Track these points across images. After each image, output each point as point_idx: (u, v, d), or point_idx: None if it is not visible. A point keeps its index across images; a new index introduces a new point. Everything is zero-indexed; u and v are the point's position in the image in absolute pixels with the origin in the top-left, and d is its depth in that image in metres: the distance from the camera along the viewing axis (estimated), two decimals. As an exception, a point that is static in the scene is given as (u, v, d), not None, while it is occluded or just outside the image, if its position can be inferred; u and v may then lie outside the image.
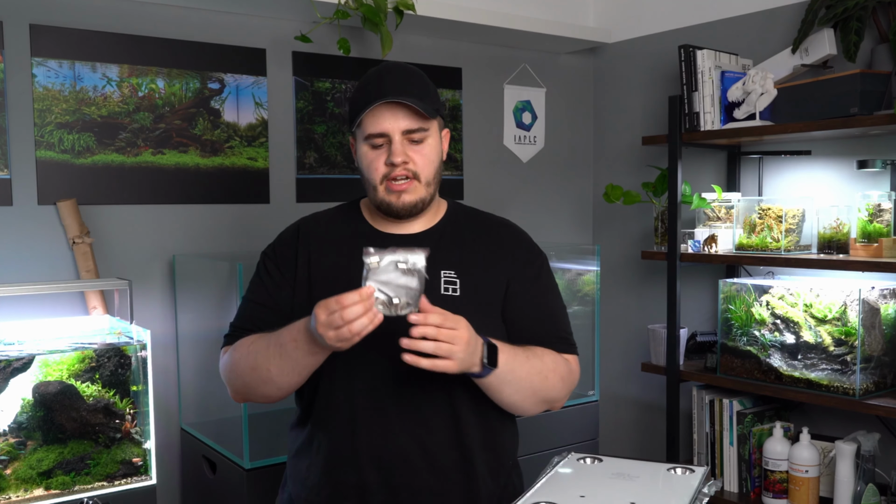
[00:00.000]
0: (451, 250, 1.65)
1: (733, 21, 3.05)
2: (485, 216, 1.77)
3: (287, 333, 1.50)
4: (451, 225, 1.70)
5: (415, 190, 1.59)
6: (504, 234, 1.73)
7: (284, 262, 1.67)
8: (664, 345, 2.94)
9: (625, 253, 3.52)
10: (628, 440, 3.55)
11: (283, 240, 1.71)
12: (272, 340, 1.53)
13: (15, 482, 2.01)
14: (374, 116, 1.56)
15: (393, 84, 1.57)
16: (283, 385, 1.55)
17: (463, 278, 1.63)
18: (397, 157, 1.56)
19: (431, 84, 1.65)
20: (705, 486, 1.41)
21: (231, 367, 1.62)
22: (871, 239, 2.45)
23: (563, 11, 3.43)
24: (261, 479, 2.32)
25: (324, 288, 1.59)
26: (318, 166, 2.95)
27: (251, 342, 1.59)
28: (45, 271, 2.46)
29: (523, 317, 1.67)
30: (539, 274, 1.72)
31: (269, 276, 1.66)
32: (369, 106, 1.55)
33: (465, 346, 1.41)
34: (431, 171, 1.61)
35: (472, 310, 1.58)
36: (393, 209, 1.60)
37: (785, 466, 2.63)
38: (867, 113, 2.42)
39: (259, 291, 1.67)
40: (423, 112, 1.55)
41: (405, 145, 1.57)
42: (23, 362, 2.04)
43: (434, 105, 1.61)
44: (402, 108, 1.56)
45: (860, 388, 2.43)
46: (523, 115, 3.49)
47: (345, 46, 2.68)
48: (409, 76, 1.61)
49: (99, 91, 2.52)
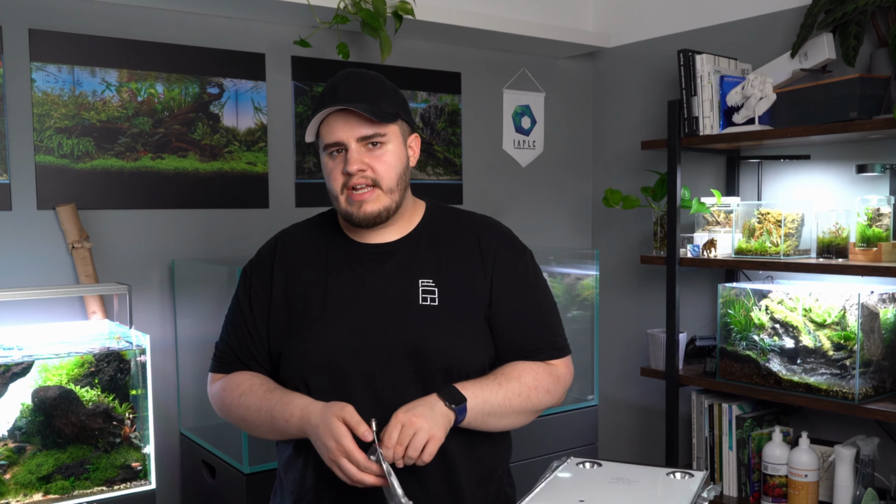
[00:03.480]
0: (428, 257, 1.62)
1: (732, 25, 3.06)
2: (464, 217, 1.72)
3: (280, 410, 1.52)
4: (428, 230, 1.66)
5: (377, 199, 1.55)
6: (484, 235, 1.67)
7: (260, 282, 1.65)
8: (663, 349, 2.94)
9: (624, 257, 3.52)
10: (627, 445, 3.54)
11: (260, 258, 1.70)
12: (264, 405, 1.55)
13: (14, 487, 2.01)
14: (329, 126, 1.54)
15: (345, 91, 1.54)
16: (269, 439, 1.62)
17: (442, 287, 1.59)
18: (352, 166, 1.52)
19: (391, 88, 1.60)
20: (704, 491, 1.41)
21: (222, 407, 1.64)
22: (871, 243, 2.45)
23: (562, 16, 3.43)
24: (260, 483, 2.32)
25: (300, 303, 1.60)
26: (318, 171, 2.95)
27: (241, 395, 1.59)
28: (45, 276, 2.46)
29: (509, 327, 1.63)
30: (523, 275, 1.66)
31: (247, 298, 1.65)
32: (319, 115, 1.53)
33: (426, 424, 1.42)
34: (393, 177, 1.56)
35: (451, 319, 1.57)
36: (355, 219, 1.57)
37: (784, 471, 2.63)
38: (866, 117, 2.42)
39: (237, 314, 1.67)
40: (374, 118, 1.51)
41: (363, 153, 1.54)
42: (22, 367, 2.04)
43: (392, 109, 1.56)
44: (355, 114, 1.52)
45: (859, 393, 2.43)
46: (522, 119, 3.50)
47: (344, 51, 2.69)
48: (364, 81, 1.57)
49: (98, 96, 2.52)
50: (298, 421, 1.49)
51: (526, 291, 1.66)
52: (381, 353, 1.54)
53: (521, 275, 1.66)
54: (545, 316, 1.68)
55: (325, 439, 1.42)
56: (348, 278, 1.60)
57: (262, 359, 1.64)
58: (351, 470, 1.39)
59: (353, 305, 1.57)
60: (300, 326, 1.59)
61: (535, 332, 1.65)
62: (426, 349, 1.54)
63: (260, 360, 1.64)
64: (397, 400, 1.51)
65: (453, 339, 1.56)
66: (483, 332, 1.61)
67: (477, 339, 1.59)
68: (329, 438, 1.41)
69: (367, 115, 1.51)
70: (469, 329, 1.59)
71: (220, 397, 1.64)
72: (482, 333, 1.61)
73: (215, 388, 1.67)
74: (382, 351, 1.54)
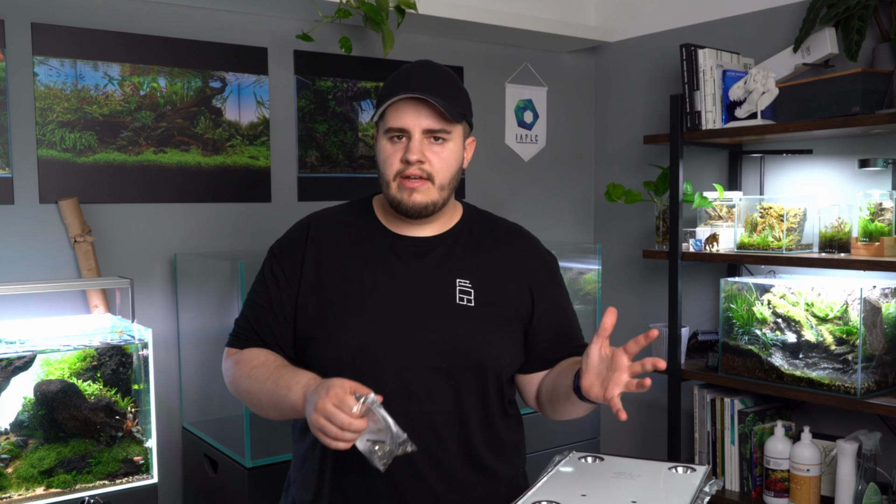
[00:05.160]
0: (465, 258, 1.62)
1: (735, 20, 3.05)
2: (500, 222, 1.74)
3: (286, 380, 1.48)
4: (466, 230, 1.67)
5: (427, 191, 1.55)
6: (520, 243, 1.70)
7: (290, 265, 1.62)
8: (665, 344, 2.94)
9: (626, 252, 3.52)
10: (629, 439, 3.55)
11: (290, 239, 1.66)
12: (272, 376, 1.51)
13: (16, 481, 2.01)
14: (398, 111, 1.53)
15: (422, 81, 1.54)
16: (272, 417, 1.56)
17: (478, 287, 1.59)
18: (413, 155, 1.52)
19: (463, 89, 1.61)
20: (706, 486, 1.41)
21: (232, 380, 1.62)
22: (873, 238, 2.45)
23: (564, 10, 3.42)
24: (262, 477, 2.33)
25: (335, 291, 1.57)
26: (320, 165, 2.95)
27: (252, 367, 1.56)
28: (47, 270, 2.46)
29: (551, 335, 1.66)
30: (554, 282, 1.71)
31: (273, 278, 1.62)
32: (392, 98, 1.52)
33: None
34: (447, 175, 1.57)
35: (486, 320, 1.58)
36: (403, 207, 1.56)
37: (786, 465, 2.63)
38: (869, 112, 2.42)
39: (261, 292, 1.64)
40: (447, 113, 1.52)
41: (424, 144, 1.53)
42: (24, 361, 2.04)
43: (461, 109, 1.57)
44: (426, 106, 1.52)
45: (861, 388, 2.43)
46: (525, 113, 3.49)
47: (346, 45, 2.69)
48: (440, 76, 1.58)
49: (100, 90, 2.52)
50: (301, 388, 1.43)
51: (564, 300, 1.72)
52: (415, 348, 1.53)
53: (554, 284, 1.71)
54: (574, 322, 1.73)
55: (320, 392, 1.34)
56: (385, 270, 1.59)
57: (281, 340, 1.61)
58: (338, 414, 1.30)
59: (389, 299, 1.56)
60: (335, 314, 1.56)
61: (575, 336, 1.70)
62: (462, 348, 1.55)
63: (280, 342, 1.61)
64: (427, 395, 1.53)
65: (489, 339, 1.58)
66: (515, 337, 1.63)
67: (511, 343, 1.61)
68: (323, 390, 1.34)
69: (442, 109, 1.51)
70: (503, 332, 1.60)
71: (231, 370, 1.61)
72: (515, 338, 1.63)
73: (229, 362, 1.64)
74: (417, 346, 1.53)
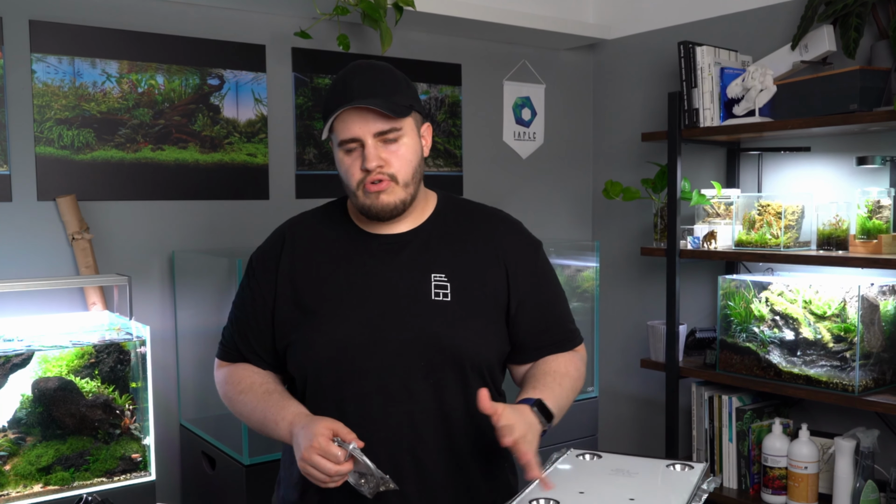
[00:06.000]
0: (440, 250, 1.61)
1: (733, 17, 3.05)
2: (476, 209, 1.72)
3: (273, 414, 1.53)
4: (440, 221, 1.65)
5: (393, 191, 1.54)
6: (499, 229, 1.67)
7: (265, 275, 1.63)
8: (663, 341, 2.95)
9: (624, 249, 3.52)
10: (627, 436, 3.55)
11: (266, 249, 1.68)
12: (259, 405, 1.56)
13: (14, 478, 2.01)
14: (344, 122, 1.52)
15: (360, 86, 1.52)
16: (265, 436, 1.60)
17: (454, 281, 1.58)
18: (371, 163, 1.51)
19: (403, 79, 1.59)
20: (704, 483, 1.41)
21: (224, 396, 1.67)
22: (871, 235, 2.45)
23: (562, 7, 3.42)
24: (260, 474, 2.33)
25: (311, 295, 1.58)
26: (318, 162, 2.95)
27: (240, 391, 1.61)
28: (45, 267, 2.46)
29: (535, 322, 1.64)
30: (541, 269, 1.68)
31: (250, 290, 1.65)
32: (335, 112, 1.51)
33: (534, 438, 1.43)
34: (409, 171, 1.56)
35: (464, 314, 1.56)
36: (373, 211, 1.55)
37: (784, 463, 2.63)
38: (867, 109, 2.42)
39: (240, 306, 1.67)
40: (391, 113, 1.50)
41: (379, 148, 1.52)
42: (22, 358, 2.04)
43: (406, 102, 1.55)
44: (370, 109, 1.50)
45: (859, 385, 2.43)
46: (523, 111, 3.49)
47: (344, 43, 2.68)
48: (376, 75, 1.55)
49: (98, 87, 2.52)
50: (288, 425, 1.49)
51: (546, 285, 1.68)
52: (392, 347, 1.53)
53: (539, 269, 1.68)
54: (563, 306, 1.71)
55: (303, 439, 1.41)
56: (359, 270, 1.59)
57: (262, 352, 1.64)
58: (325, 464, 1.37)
59: (364, 298, 1.56)
60: (310, 318, 1.57)
61: (560, 323, 1.68)
62: (439, 344, 1.54)
63: (260, 353, 1.64)
64: (406, 394, 1.52)
65: (466, 334, 1.56)
66: (496, 326, 1.61)
67: (490, 334, 1.59)
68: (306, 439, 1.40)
69: (384, 111, 1.49)
70: (481, 323, 1.59)
71: (223, 389, 1.67)
72: (495, 327, 1.61)
73: (220, 376, 1.69)
74: (394, 345, 1.53)
